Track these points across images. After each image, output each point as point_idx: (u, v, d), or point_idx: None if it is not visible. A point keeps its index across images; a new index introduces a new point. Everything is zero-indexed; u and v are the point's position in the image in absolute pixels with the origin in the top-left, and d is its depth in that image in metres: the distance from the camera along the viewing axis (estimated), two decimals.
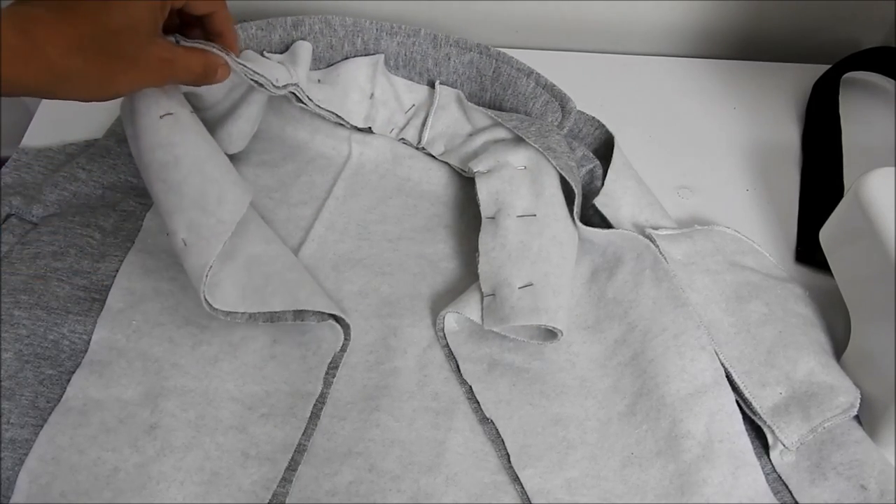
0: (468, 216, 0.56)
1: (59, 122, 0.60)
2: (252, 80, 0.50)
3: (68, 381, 0.45)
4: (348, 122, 0.59)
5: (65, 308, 0.48)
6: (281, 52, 0.58)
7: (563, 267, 0.49)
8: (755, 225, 0.58)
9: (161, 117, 0.46)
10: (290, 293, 0.47)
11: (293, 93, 0.54)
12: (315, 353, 0.48)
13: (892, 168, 0.46)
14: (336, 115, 0.58)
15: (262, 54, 0.57)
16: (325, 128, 0.59)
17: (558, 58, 0.68)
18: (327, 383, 0.47)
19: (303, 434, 0.44)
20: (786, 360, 0.47)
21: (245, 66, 0.49)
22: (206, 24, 0.48)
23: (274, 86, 0.51)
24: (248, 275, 0.48)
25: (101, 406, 0.45)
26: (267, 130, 0.59)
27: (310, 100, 0.55)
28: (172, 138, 0.46)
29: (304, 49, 0.57)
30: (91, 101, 0.43)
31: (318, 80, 0.58)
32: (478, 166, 0.54)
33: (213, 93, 0.51)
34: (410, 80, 0.60)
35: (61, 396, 0.45)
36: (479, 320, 0.48)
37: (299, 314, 0.47)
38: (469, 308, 0.48)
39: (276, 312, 0.47)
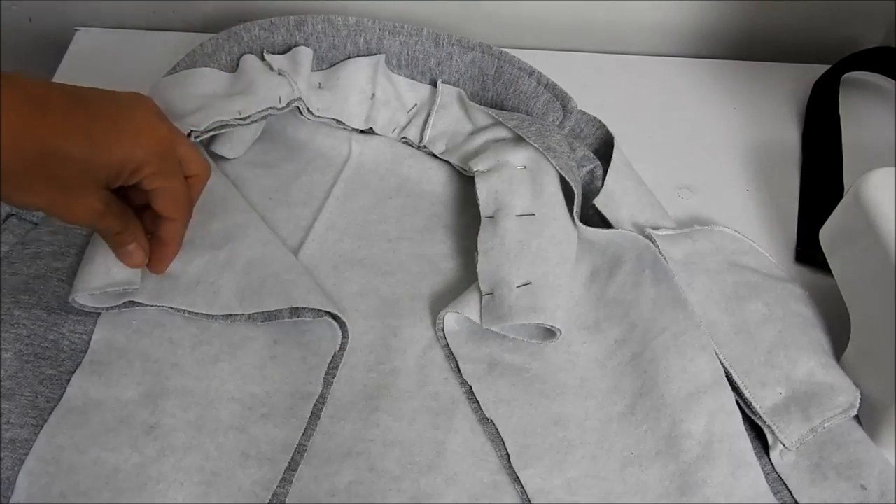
0: (468, 216, 0.56)
1: None
2: (259, 119, 0.53)
3: (68, 381, 0.45)
4: (349, 126, 0.59)
5: (65, 308, 0.48)
6: (283, 52, 0.58)
7: (562, 266, 0.49)
8: (755, 225, 0.58)
9: None
10: (285, 292, 0.47)
11: (297, 106, 0.55)
12: (315, 353, 0.48)
13: (892, 168, 0.46)
14: (337, 120, 0.58)
15: (262, 55, 0.57)
16: (325, 128, 0.60)
17: (558, 58, 0.68)
18: (327, 383, 0.47)
19: (303, 434, 0.44)
20: (786, 360, 0.47)
21: (247, 118, 0.52)
22: (158, 226, 0.46)
23: (277, 108, 0.53)
24: (246, 278, 0.48)
25: (101, 406, 0.45)
26: (267, 131, 0.59)
27: (309, 111, 0.56)
28: None
29: (305, 56, 0.57)
30: (24, 209, 0.42)
31: (319, 84, 0.58)
32: (478, 165, 0.54)
33: None
34: (413, 79, 0.60)
35: (61, 396, 0.45)
36: (479, 320, 0.48)
37: (295, 311, 0.47)
38: (468, 308, 0.48)
39: (272, 311, 0.48)
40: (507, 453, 0.45)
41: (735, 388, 0.47)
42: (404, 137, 0.59)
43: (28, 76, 0.38)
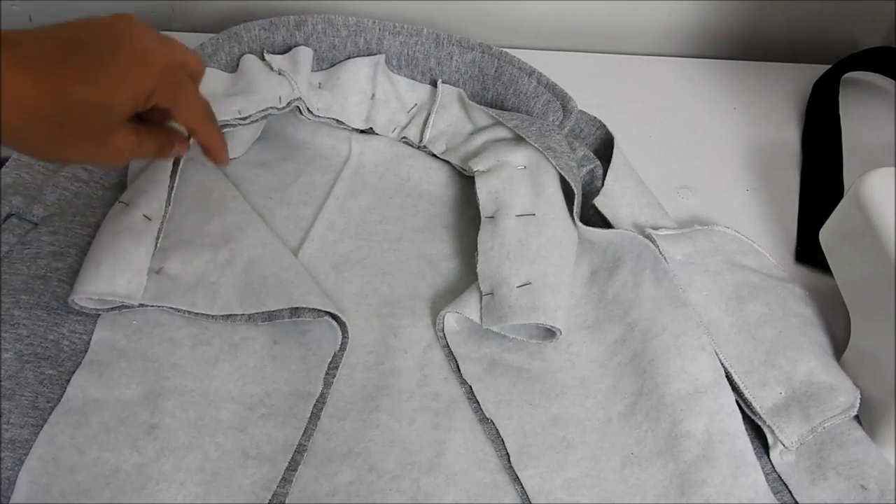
0: (468, 216, 0.56)
1: None
2: (259, 119, 0.53)
3: (68, 381, 0.45)
4: (349, 126, 0.59)
5: (65, 308, 0.48)
6: (283, 52, 0.58)
7: (562, 266, 0.49)
8: (755, 225, 0.58)
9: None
10: (285, 292, 0.47)
11: (297, 106, 0.55)
12: (315, 353, 0.48)
13: (892, 168, 0.46)
14: (337, 120, 0.58)
15: (262, 55, 0.57)
16: (325, 128, 0.60)
17: (558, 58, 0.68)
18: (327, 383, 0.47)
19: (303, 434, 0.44)
20: (786, 360, 0.47)
21: (247, 118, 0.52)
22: (193, 136, 0.46)
23: (278, 108, 0.53)
24: (246, 278, 0.48)
25: (101, 406, 0.45)
26: (267, 130, 0.59)
27: (309, 111, 0.56)
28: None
29: (305, 56, 0.57)
30: (34, 157, 0.42)
31: (319, 84, 0.58)
32: (478, 165, 0.54)
33: None
34: (413, 79, 0.60)
35: (61, 396, 0.45)
36: (479, 320, 0.48)
37: (295, 311, 0.47)
38: (468, 308, 0.48)
39: (272, 311, 0.48)
40: (507, 453, 0.45)
41: (735, 388, 0.47)
42: (404, 137, 0.59)
43: (12, 30, 0.38)
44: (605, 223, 0.54)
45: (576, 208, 0.51)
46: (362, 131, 0.60)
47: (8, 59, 0.36)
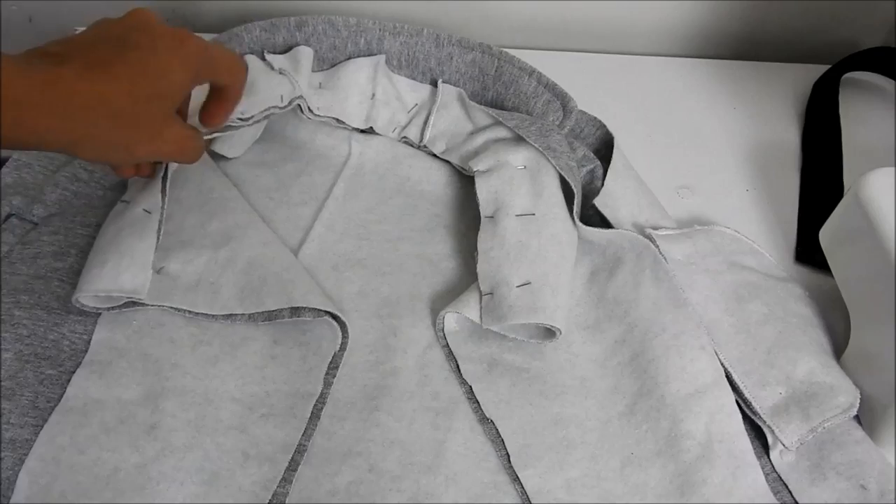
0: (468, 216, 0.56)
1: None
2: (261, 119, 0.53)
3: (68, 381, 0.45)
4: (349, 125, 0.59)
5: (65, 308, 0.48)
6: (284, 53, 0.58)
7: (562, 266, 0.49)
8: (755, 225, 0.58)
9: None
10: (285, 292, 0.47)
11: (298, 104, 0.55)
12: (315, 353, 0.48)
13: (892, 168, 0.46)
14: (337, 119, 0.58)
15: (263, 55, 0.58)
16: (325, 128, 0.60)
17: (559, 58, 0.68)
18: (327, 383, 0.47)
19: (303, 434, 0.44)
20: (786, 360, 0.47)
21: (249, 119, 0.52)
22: (221, 92, 0.48)
23: (279, 107, 0.53)
24: (246, 278, 0.48)
25: (101, 406, 0.45)
26: (267, 130, 0.59)
27: (309, 110, 0.56)
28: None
29: (306, 55, 0.57)
30: (105, 163, 0.43)
31: (319, 84, 0.58)
32: (478, 165, 0.54)
33: None
34: (413, 79, 0.60)
35: (61, 396, 0.45)
36: (479, 320, 0.48)
37: (295, 311, 0.47)
38: (468, 308, 0.48)
39: (272, 311, 0.48)
40: (507, 453, 0.45)
41: (735, 388, 0.47)
42: (404, 137, 0.59)
43: (55, 44, 0.39)
44: (605, 223, 0.54)
45: (576, 208, 0.51)
46: (362, 131, 0.60)
47: (71, 70, 0.37)
